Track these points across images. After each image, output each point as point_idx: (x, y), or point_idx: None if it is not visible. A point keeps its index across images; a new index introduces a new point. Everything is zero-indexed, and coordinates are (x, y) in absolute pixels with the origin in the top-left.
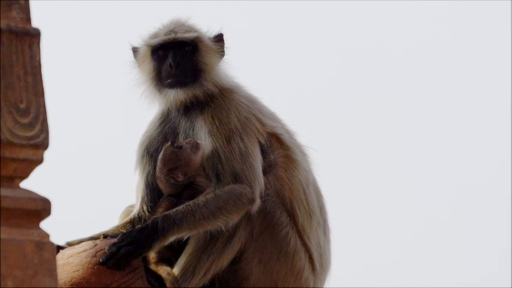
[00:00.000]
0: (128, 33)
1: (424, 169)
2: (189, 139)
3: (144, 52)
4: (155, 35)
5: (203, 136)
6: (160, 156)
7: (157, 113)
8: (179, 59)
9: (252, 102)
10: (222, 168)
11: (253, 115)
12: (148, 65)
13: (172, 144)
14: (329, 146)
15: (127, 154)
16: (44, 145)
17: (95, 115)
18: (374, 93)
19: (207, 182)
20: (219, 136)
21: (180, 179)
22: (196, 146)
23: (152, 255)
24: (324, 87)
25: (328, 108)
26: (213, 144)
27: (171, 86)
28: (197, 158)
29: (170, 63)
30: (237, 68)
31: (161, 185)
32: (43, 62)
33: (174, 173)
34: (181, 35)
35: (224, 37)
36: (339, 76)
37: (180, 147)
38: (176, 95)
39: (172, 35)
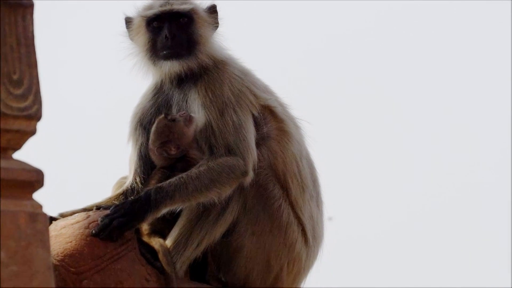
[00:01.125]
0: (122, 2)
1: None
2: (183, 112)
3: (139, 23)
4: (150, 7)
5: (196, 109)
6: (153, 128)
7: (150, 85)
8: (175, 31)
9: (245, 75)
10: (215, 141)
11: (247, 87)
12: (143, 36)
13: (165, 117)
14: (323, 119)
15: (120, 126)
16: (37, 116)
17: (88, 86)
18: (368, 66)
19: (200, 155)
20: (213, 108)
21: (172, 152)
22: (189, 119)
23: (144, 227)
24: (317, 59)
25: (321, 81)
26: (207, 116)
27: (167, 57)
28: (190, 131)
29: (166, 35)
30: (231, 40)
31: (154, 157)
32: (36, 33)
33: (167, 146)
34: (177, 7)
35: (217, 8)
36: (333, 48)
37: (174, 120)
38: (172, 67)
39: (168, 7)
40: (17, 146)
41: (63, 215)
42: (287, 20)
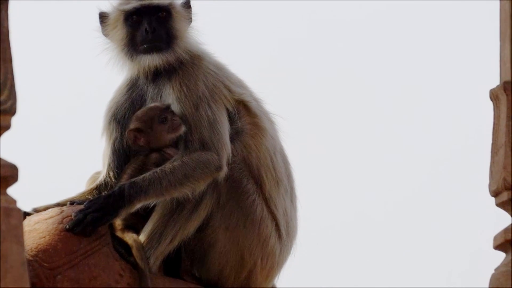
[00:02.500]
0: None
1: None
2: (176, 119)
3: (116, 17)
4: (127, 1)
5: (170, 103)
6: (140, 111)
7: (124, 79)
8: (155, 25)
9: (219, 69)
10: (190, 135)
11: (221, 82)
12: (120, 31)
13: (162, 109)
14: (297, 114)
15: (94, 121)
16: (11, 111)
17: (62, 81)
18: (343, 59)
19: (175, 151)
20: (187, 103)
21: (139, 143)
22: (175, 129)
23: (118, 222)
24: (291, 54)
25: (295, 76)
26: (181, 111)
27: (147, 51)
28: (167, 138)
29: (146, 29)
30: (205, 35)
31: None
32: (11, 29)
33: (138, 134)
34: (157, 1)
35: (191, 4)
36: (308, 42)
37: (164, 120)
38: (152, 60)
39: (147, 1)
40: None
41: (37, 210)
42: (261, 14)
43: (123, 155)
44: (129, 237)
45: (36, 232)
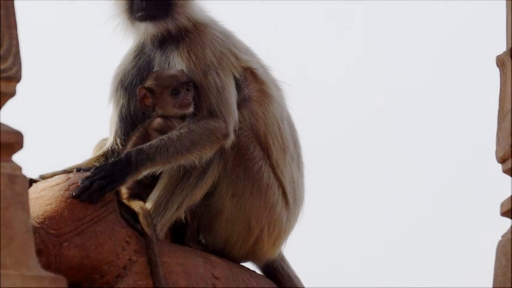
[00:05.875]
0: None
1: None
2: (189, 99)
3: None
4: None
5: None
6: (163, 70)
7: (131, 46)
8: None
9: (227, 37)
10: (198, 103)
11: (228, 49)
12: None
13: (181, 83)
14: (304, 81)
15: (101, 87)
16: (16, 77)
17: (69, 46)
18: (354, 27)
19: (180, 121)
20: (196, 71)
21: (146, 102)
22: (183, 107)
23: (123, 191)
24: (299, 20)
25: (303, 42)
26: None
27: (142, 19)
28: (173, 111)
29: None
30: (212, 2)
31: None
32: None
33: (148, 94)
34: None
35: None
36: (316, 8)
37: (176, 93)
38: (147, 28)
39: None
40: None
41: (43, 177)
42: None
43: (130, 122)
44: (135, 204)
45: (42, 199)
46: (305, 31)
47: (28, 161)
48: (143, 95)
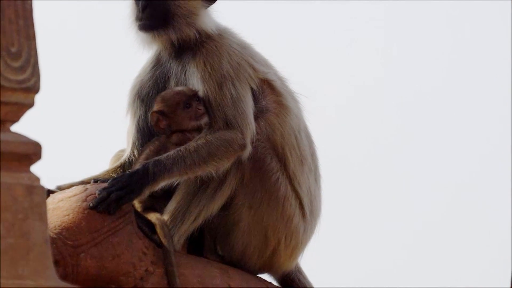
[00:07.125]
0: None
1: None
2: (202, 108)
3: None
4: None
5: (195, 82)
6: (167, 92)
7: (149, 56)
8: (148, 2)
9: (244, 48)
10: (214, 114)
11: (245, 60)
12: (130, 6)
13: (189, 96)
14: (321, 93)
15: (119, 98)
16: (35, 88)
17: (87, 58)
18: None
19: (197, 134)
20: (211, 82)
21: (161, 126)
22: (198, 118)
23: (136, 205)
24: (316, 33)
25: (320, 55)
26: (205, 90)
27: (140, 28)
28: (189, 125)
29: (139, 4)
30: (229, 13)
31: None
32: (35, 5)
33: (161, 117)
34: None
35: None
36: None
37: (189, 106)
38: (142, 38)
39: None
40: (15, 119)
41: (60, 188)
42: None
43: (148, 133)
44: (152, 216)
45: (60, 210)
46: (322, 40)
47: (46, 172)
48: (156, 120)
